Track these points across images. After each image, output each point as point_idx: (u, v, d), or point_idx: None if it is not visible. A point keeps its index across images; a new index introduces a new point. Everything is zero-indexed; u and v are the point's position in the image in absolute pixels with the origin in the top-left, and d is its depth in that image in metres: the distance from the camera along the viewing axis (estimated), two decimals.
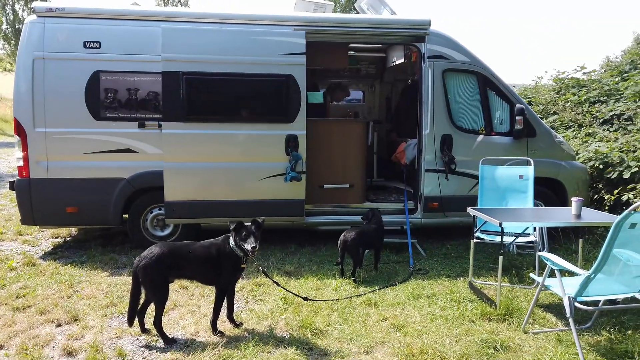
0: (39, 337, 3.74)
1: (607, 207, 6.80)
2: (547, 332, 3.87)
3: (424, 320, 4.09)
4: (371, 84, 9.23)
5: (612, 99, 9.14)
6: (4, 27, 28.82)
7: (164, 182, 5.64)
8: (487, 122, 6.33)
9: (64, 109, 5.56)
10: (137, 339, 3.74)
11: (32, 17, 5.58)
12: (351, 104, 9.00)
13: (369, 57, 8.72)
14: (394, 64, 8.09)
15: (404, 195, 6.65)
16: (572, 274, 3.62)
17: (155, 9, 5.77)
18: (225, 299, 3.88)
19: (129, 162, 5.72)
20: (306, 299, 4.36)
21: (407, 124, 7.40)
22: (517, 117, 6.16)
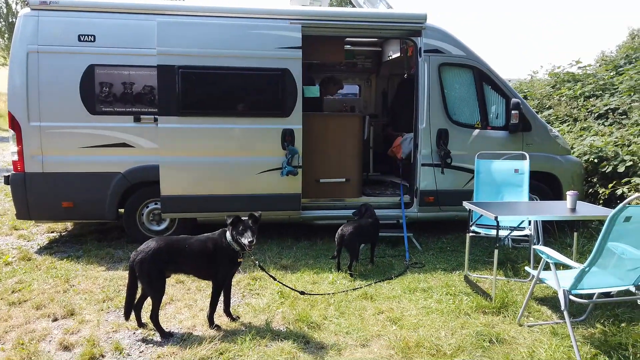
0: (35, 331, 3.74)
1: (601, 201, 6.84)
2: (541, 324, 3.90)
3: (420, 313, 4.11)
4: (367, 78, 9.22)
5: (607, 93, 9.17)
6: None
7: (160, 177, 5.63)
8: (483, 116, 6.34)
9: (58, 103, 5.53)
10: (134, 333, 3.74)
11: (26, 10, 5.53)
12: (347, 98, 8.98)
13: (365, 51, 8.71)
14: (390, 58, 8.08)
15: (400, 189, 6.67)
16: (566, 267, 3.64)
17: (150, 2, 5.70)
18: (221, 293, 3.88)
19: (125, 156, 5.70)
20: (303, 293, 4.37)
21: (403, 118, 7.41)
22: (512, 112, 6.17)
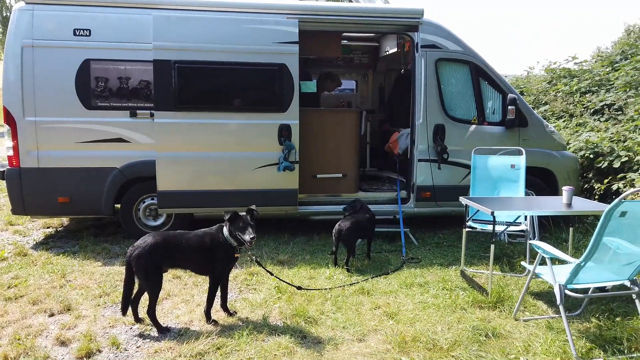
0: (32, 326, 3.73)
1: (597, 196, 6.88)
2: (537, 319, 3.92)
3: (417, 308, 4.13)
4: (364, 73, 9.20)
5: (603, 89, 9.20)
6: None
7: (156, 172, 5.61)
8: (479, 111, 6.35)
9: (54, 98, 5.50)
10: (131, 328, 3.74)
11: (21, 3, 5.49)
12: (344, 93, 8.97)
13: (362, 46, 8.68)
14: (387, 53, 8.07)
15: (397, 184, 6.67)
16: (562, 262, 3.67)
17: None
18: (218, 288, 3.88)
19: (121, 151, 5.67)
20: (300, 288, 4.38)
21: (400, 113, 7.40)
22: (509, 107, 6.18)
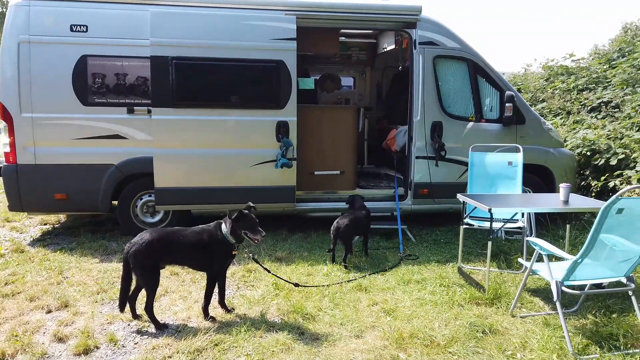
0: (29, 323, 3.73)
1: (594, 194, 6.90)
2: (534, 315, 3.94)
3: (414, 304, 4.14)
4: (362, 70, 9.19)
5: (600, 86, 9.23)
6: None
7: (153, 169, 5.61)
8: (477, 109, 6.36)
9: (50, 94, 5.48)
10: (129, 325, 3.74)
11: None
12: (342, 90, 8.96)
13: (360, 43, 8.68)
14: (385, 50, 8.06)
15: (394, 181, 6.68)
16: (559, 259, 3.68)
17: None
18: (216, 285, 3.88)
19: (118, 148, 5.66)
20: (297, 285, 4.38)
21: (397, 110, 7.41)
22: (506, 104, 6.20)
